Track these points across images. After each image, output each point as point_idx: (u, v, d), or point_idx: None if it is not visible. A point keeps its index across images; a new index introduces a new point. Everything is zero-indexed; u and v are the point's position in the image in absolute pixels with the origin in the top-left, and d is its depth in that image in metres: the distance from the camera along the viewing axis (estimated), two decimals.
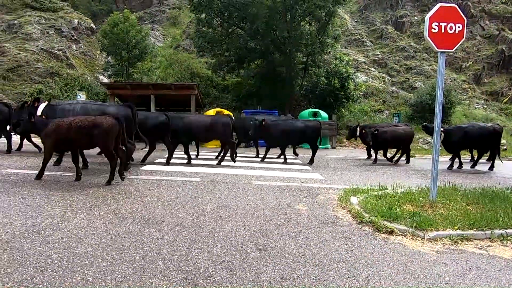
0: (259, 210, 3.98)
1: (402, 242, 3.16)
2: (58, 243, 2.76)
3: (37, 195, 4.18)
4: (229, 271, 2.43)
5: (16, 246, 2.65)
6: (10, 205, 3.70)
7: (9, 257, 2.47)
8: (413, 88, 21.72)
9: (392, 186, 5.06)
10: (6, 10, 24.53)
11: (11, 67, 19.22)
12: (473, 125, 8.72)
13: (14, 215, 3.38)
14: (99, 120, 4.91)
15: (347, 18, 28.66)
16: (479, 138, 8.38)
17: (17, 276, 2.19)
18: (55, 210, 3.62)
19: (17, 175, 5.38)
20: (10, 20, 23.20)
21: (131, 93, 13.88)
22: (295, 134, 8.68)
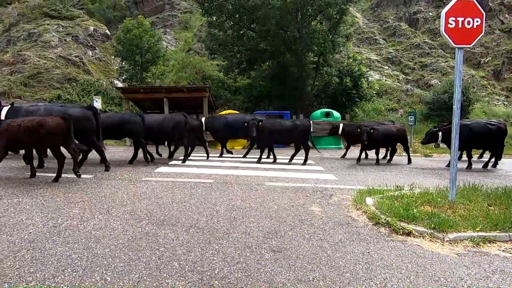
0: (273, 211, 3.97)
1: (420, 244, 3.07)
2: (78, 243, 2.84)
3: (57, 197, 4.32)
4: (244, 272, 2.43)
5: (38, 246, 2.75)
6: (32, 207, 3.84)
7: (32, 256, 2.56)
8: (429, 86, 21.16)
9: (409, 187, 4.93)
10: (27, 20, 25.58)
11: (32, 74, 20.00)
12: (477, 123, 8.37)
13: (36, 216, 3.50)
14: (46, 121, 5.10)
15: (358, 16, 28.27)
16: (483, 136, 8.01)
17: (39, 275, 2.27)
18: (74, 211, 3.73)
19: (37, 177, 5.58)
20: (30, 29, 24.17)
21: (145, 97, 14.16)
22: (283, 133, 8.59)
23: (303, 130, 8.51)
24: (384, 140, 8.84)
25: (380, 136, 8.64)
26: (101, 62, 24.82)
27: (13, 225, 3.22)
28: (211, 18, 17.95)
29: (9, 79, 19.45)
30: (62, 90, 19.46)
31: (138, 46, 19.20)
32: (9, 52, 22.30)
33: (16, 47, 22.73)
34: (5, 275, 2.26)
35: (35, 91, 19.27)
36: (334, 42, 16.98)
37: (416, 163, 9.31)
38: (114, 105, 19.43)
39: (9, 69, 20.47)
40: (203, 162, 8.28)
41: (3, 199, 4.16)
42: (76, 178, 5.65)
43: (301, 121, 9.12)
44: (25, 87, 19.33)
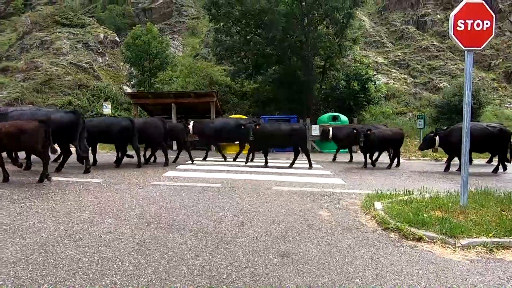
0: (280, 216, 3.96)
1: (431, 249, 3.02)
2: (88, 247, 2.88)
3: (67, 201, 4.40)
4: (252, 277, 2.42)
5: (50, 250, 2.79)
6: (44, 210, 3.92)
7: (44, 259, 2.60)
8: (438, 89, 20.90)
9: (418, 191, 4.86)
10: (39, 28, 26.33)
11: (44, 80, 20.52)
12: (476, 126, 8.10)
13: (47, 220, 3.57)
14: (25, 125, 5.37)
15: (365, 20, 28.21)
16: (484, 139, 7.75)
17: (51, 278, 2.31)
18: (84, 215, 3.78)
19: (50, 182, 5.68)
20: (42, 37, 24.86)
21: (153, 102, 14.36)
22: (280, 137, 8.55)
23: (300, 134, 8.47)
24: (379, 143, 8.68)
25: (375, 139, 8.52)
26: (110, 68, 25.32)
27: (25, 229, 3.29)
28: (218, 24, 18.18)
29: (22, 85, 19.98)
30: (73, 96, 19.90)
31: (146, 52, 19.54)
32: (22, 60, 22.95)
33: (29, 54, 23.40)
34: (18, 278, 2.30)
35: (47, 97, 19.74)
36: (341, 46, 16.98)
37: (424, 167, 9.16)
38: (123, 110, 19.76)
39: (22, 76, 21.04)
40: (211, 167, 8.32)
41: (16, 202, 4.25)
42: (86, 182, 5.75)
43: (298, 124, 9.10)
44: (37, 93, 19.83)
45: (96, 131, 7.73)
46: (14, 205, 4.15)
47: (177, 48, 29.76)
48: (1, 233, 3.15)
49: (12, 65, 22.62)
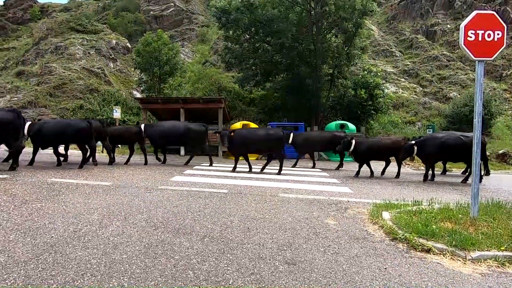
0: (287, 223, 3.94)
1: (440, 261, 2.96)
2: (96, 249, 2.92)
3: (77, 203, 4.47)
4: (258, 283, 2.41)
5: (59, 250, 2.84)
6: (54, 212, 3.99)
7: (53, 260, 2.65)
8: (448, 99, 20.68)
9: (428, 202, 4.78)
10: (54, 34, 27.13)
11: (57, 84, 21.05)
12: (450, 136, 8.12)
13: (57, 221, 3.63)
14: None
15: (374, 29, 28.25)
16: (456, 149, 7.73)
17: (60, 279, 2.34)
18: (93, 217, 3.84)
19: (60, 184, 5.79)
20: (57, 42, 25.59)
21: (162, 107, 14.55)
22: (256, 143, 8.61)
23: (277, 139, 8.51)
24: (375, 152, 8.73)
25: (368, 148, 8.64)
26: (121, 74, 25.84)
27: (36, 229, 3.35)
28: (227, 32, 18.46)
29: (36, 89, 20.52)
30: (84, 100, 20.33)
31: (157, 58, 19.91)
32: (37, 64, 23.62)
33: (44, 59, 24.07)
34: (29, 277, 2.35)
35: (59, 101, 20.21)
36: (350, 55, 17.02)
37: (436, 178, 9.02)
38: (133, 115, 20.07)
39: (37, 80, 21.62)
40: (218, 173, 8.35)
41: (27, 203, 4.34)
42: (95, 185, 5.83)
43: (275, 130, 9.14)
44: (50, 97, 20.33)
45: (52, 133, 8.04)
46: (26, 205, 4.24)
47: (186, 54, 30.26)
48: (13, 233, 3.22)
49: (28, 69, 23.30)
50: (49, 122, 9.08)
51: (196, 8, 38.70)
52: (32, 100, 19.58)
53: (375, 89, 16.62)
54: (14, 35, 37.05)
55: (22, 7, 44.01)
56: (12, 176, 6.32)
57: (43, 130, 8.06)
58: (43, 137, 8.07)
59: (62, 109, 19.50)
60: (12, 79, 22.58)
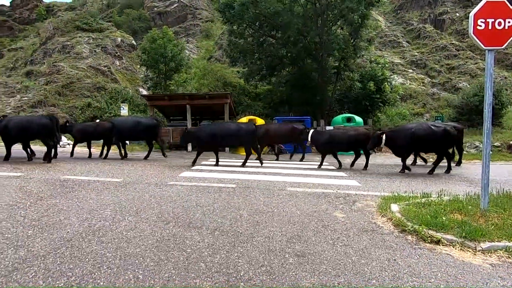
0: (295, 217, 3.98)
1: (450, 253, 2.97)
2: (111, 243, 3.01)
3: (90, 199, 4.58)
4: (269, 275, 2.47)
5: (76, 245, 2.94)
6: (69, 208, 4.11)
7: (70, 254, 2.75)
8: (457, 89, 20.29)
9: (436, 194, 4.76)
10: (61, 33, 27.39)
11: (65, 83, 21.34)
12: (420, 126, 7.94)
13: (72, 217, 3.75)
14: None
15: (380, 20, 27.75)
16: (426, 140, 7.61)
17: (78, 271, 2.44)
18: (106, 213, 3.94)
19: (73, 181, 5.94)
20: (64, 41, 25.86)
21: (169, 104, 14.67)
22: (226, 137, 8.62)
23: (247, 134, 8.54)
24: (336, 143, 8.83)
25: (328, 139, 8.80)
26: (127, 71, 26.02)
27: (53, 225, 3.46)
28: (232, 27, 18.37)
29: (45, 88, 20.84)
30: (92, 98, 20.57)
31: (162, 55, 19.97)
32: (45, 64, 23.95)
33: (51, 58, 24.38)
34: (48, 270, 2.44)
35: (68, 100, 20.51)
36: (356, 47, 16.80)
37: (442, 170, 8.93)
38: (139, 112, 20.24)
39: (45, 79, 21.94)
40: (226, 168, 8.42)
41: (43, 200, 4.48)
42: (106, 181, 5.96)
43: (246, 124, 9.18)
44: (59, 96, 20.63)
45: (17, 129, 8.30)
46: (41, 202, 4.37)
47: (191, 50, 30.26)
48: (31, 228, 3.33)
49: (36, 69, 23.65)
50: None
51: (200, 3, 38.55)
52: (42, 99, 19.91)
53: (383, 82, 16.40)
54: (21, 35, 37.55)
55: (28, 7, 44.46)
56: (27, 174, 6.50)
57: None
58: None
59: (71, 107, 19.80)
60: (22, 79, 22.98)
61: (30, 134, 8.53)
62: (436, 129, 7.60)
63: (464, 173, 8.26)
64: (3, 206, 4.13)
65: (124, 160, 9.77)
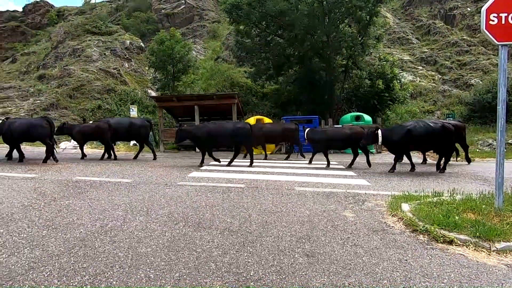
0: (304, 216, 3.97)
1: (463, 253, 2.91)
2: (123, 242, 3.06)
3: (101, 200, 4.67)
4: (278, 275, 2.47)
5: (88, 244, 3.00)
6: (81, 208, 4.19)
7: (84, 253, 2.80)
8: (469, 86, 19.85)
9: (449, 193, 4.67)
10: (71, 37, 27.95)
11: (76, 86, 21.75)
12: (417, 124, 7.74)
13: (85, 217, 3.82)
14: None
15: (389, 16, 27.37)
16: (424, 138, 7.45)
17: (92, 270, 2.49)
18: (117, 213, 4.01)
19: (84, 182, 6.06)
20: (74, 45, 26.37)
21: (177, 105, 14.79)
22: (221, 136, 8.66)
23: (243, 133, 8.56)
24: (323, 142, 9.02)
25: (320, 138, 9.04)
26: (136, 73, 26.37)
27: (66, 225, 3.54)
28: (238, 27, 18.40)
29: (57, 91, 21.30)
30: (102, 100, 20.92)
31: (170, 56, 20.13)
32: (57, 67, 24.48)
33: (62, 62, 24.90)
34: (63, 269, 2.50)
35: (79, 102, 20.90)
36: (364, 44, 16.60)
37: (454, 168, 8.76)
38: (148, 113, 20.48)
39: (57, 83, 22.43)
40: (234, 168, 8.45)
41: (57, 201, 4.58)
42: (117, 182, 6.05)
43: (241, 123, 9.16)
44: (70, 98, 21.05)
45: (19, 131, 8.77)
46: (55, 203, 4.47)
47: (198, 51, 30.44)
48: (45, 228, 3.42)
49: (48, 73, 24.18)
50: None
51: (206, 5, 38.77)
52: (54, 102, 20.34)
53: (392, 80, 16.17)
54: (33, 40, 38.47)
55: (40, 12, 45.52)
56: (40, 175, 6.66)
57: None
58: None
59: (82, 109, 20.17)
60: (34, 83, 23.53)
61: (31, 136, 8.91)
62: (433, 126, 7.47)
63: (477, 171, 8.07)
64: (19, 206, 4.25)
65: (134, 161, 9.91)
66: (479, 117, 15.42)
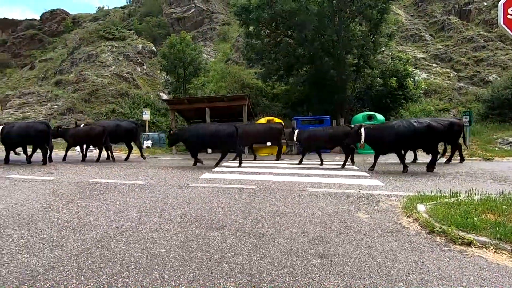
0: (317, 217, 3.94)
1: (483, 255, 2.82)
2: (137, 243, 3.12)
3: (117, 202, 4.77)
4: (292, 276, 2.46)
5: (105, 245, 3.07)
6: (98, 210, 4.30)
7: (100, 254, 2.88)
8: (486, 82, 19.22)
9: (466, 193, 4.54)
10: (86, 43, 28.76)
11: (91, 91, 22.37)
12: (400, 122, 7.59)
13: (101, 218, 3.92)
14: None
15: (401, 14, 26.85)
16: (408, 136, 7.30)
17: (108, 271, 2.55)
18: (132, 214, 4.09)
19: (100, 184, 6.21)
20: (89, 51, 27.12)
21: (189, 107, 14.96)
22: (209, 138, 8.85)
23: (229, 135, 8.75)
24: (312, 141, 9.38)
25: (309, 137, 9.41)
26: (148, 77, 26.86)
27: (83, 226, 3.64)
28: (248, 28, 18.47)
29: (73, 96, 21.95)
30: (116, 104, 21.42)
31: (181, 59, 20.43)
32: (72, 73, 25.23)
33: (78, 67, 25.65)
34: (81, 269, 2.57)
35: (93, 106, 21.47)
36: (376, 43, 16.36)
37: (472, 168, 8.49)
38: (161, 116, 20.83)
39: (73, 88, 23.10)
40: (245, 169, 8.48)
41: (74, 202, 4.72)
42: (131, 184, 6.18)
43: (228, 125, 9.32)
44: (86, 103, 21.65)
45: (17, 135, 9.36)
46: (72, 204, 4.61)
47: (209, 54, 30.73)
48: (63, 229, 3.52)
49: (64, 78, 24.97)
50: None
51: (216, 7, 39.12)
52: (70, 106, 20.98)
53: (405, 78, 15.86)
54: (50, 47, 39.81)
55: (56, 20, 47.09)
56: (58, 178, 6.87)
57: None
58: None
59: (97, 113, 20.70)
60: (52, 88, 24.34)
61: (28, 139, 9.44)
62: (418, 125, 7.32)
63: (496, 170, 7.80)
64: (39, 208, 4.40)
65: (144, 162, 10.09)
66: (498, 115, 14.89)
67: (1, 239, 3.24)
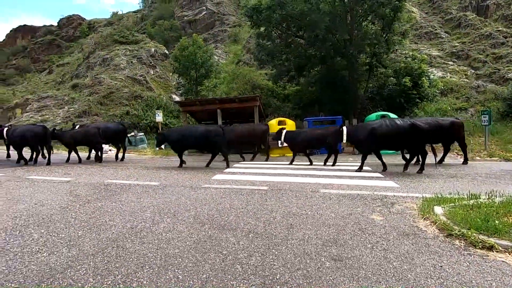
0: (330, 219, 3.89)
1: (506, 260, 2.71)
2: (152, 244, 3.16)
3: (131, 202, 4.86)
4: (305, 279, 2.43)
5: (120, 245, 3.13)
6: (113, 210, 4.39)
7: (116, 253, 2.93)
8: (506, 80, 18.52)
9: (486, 195, 4.37)
10: (101, 47, 29.50)
11: (106, 93, 22.92)
12: (383, 122, 7.41)
13: (116, 218, 4.00)
14: None
15: (415, 11, 26.25)
16: (390, 136, 7.18)
17: (123, 270, 2.59)
18: (146, 215, 4.15)
19: (115, 185, 6.34)
20: (104, 55, 27.81)
21: (201, 109, 15.09)
22: (194, 139, 8.91)
23: (215, 136, 8.82)
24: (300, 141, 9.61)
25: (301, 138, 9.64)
26: (161, 79, 27.29)
27: (99, 226, 3.72)
28: (259, 30, 18.48)
29: (88, 99, 22.55)
30: (130, 106, 21.85)
31: (193, 62, 20.64)
32: (88, 76, 25.94)
33: (93, 71, 26.35)
34: (97, 268, 2.63)
35: (108, 109, 21.98)
36: (389, 41, 16.05)
37: (492, 169, 8.19)
38: (173, 118, 21.09)
39: (89, 91, 23.75)
40: (257, 170, 8.47)
41: (90, 203, 4.83)
42: (145, 185, 6.28)
43: (214, 127, 9.46)
44: (101, 105, 22.19)
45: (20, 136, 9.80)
46: (89, 205, 4.72)
47: (220, 56, 30.95)
48: (80, 229, 3.61)
49: (81, 82, 25.70)
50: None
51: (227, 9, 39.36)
52: (86, 109, 21.56)
53: (420, 77, 15.47)
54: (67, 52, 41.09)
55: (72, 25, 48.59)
56: (75, 179, 7.06)
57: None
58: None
59: (111, 115, 21.18)
60: (69, 92, 25.09)
61: (28, 141, 9.84)
62: (400, 124, 7.18)
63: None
64: (57, 208, 4.53)
65: (160, 164, 10.23)
66: None
67: (22, 238, 3.35)
